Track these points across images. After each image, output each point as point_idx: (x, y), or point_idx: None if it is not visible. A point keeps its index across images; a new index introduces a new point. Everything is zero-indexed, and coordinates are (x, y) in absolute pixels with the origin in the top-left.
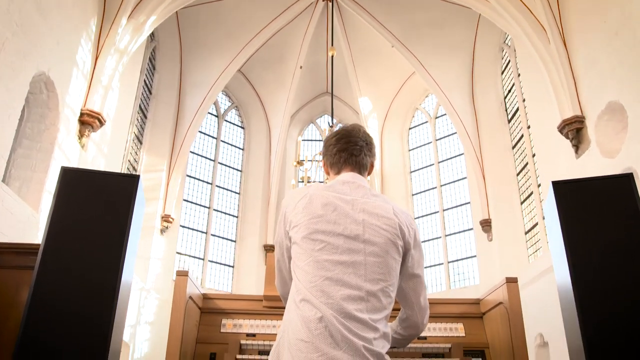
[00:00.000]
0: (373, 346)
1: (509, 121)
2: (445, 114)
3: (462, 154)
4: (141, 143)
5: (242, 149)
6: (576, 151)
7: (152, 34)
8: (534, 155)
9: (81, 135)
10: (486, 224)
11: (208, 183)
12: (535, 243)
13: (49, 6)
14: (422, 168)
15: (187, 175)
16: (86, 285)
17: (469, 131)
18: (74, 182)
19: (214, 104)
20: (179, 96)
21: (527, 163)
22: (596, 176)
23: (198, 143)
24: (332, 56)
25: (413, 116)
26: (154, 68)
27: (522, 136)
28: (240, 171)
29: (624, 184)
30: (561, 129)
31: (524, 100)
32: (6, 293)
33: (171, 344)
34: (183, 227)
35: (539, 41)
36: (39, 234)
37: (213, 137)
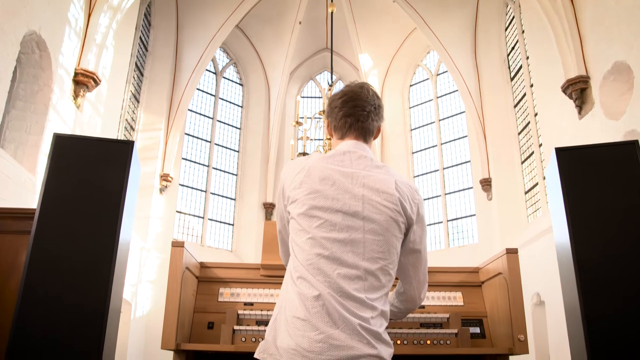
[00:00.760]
0: (370, 325)
1: (512, 79)
2: (446, 71)
3: (463, 112)
4: (138, 102)
5: (241, 107)
6: (579, 112)
7: None
8: (536, 114)
9: (76, 95)
10: (486, 183)
11: (207, 141)
12: (534, 203)
13: None
14: (423, 126)
15: (186, 133)
16: (84, 247)
17: (471, 89)
18: (67, 149)
19: (212, 61)
20: (176, 53)
21: (529, 122)
22: (600, 143)
23: (196, 101)
24: (332, 12)
25: (414, 73)
26: (150, 24)
27: (525, 95)
28: (239, 129)
29: (629, 152)
30: (565, 89)
31: (528, 58)
32: (5, 258)
33: (168, 315)
34: (182, 186)
35: None
36: (37, 197)
37: (211, 95)
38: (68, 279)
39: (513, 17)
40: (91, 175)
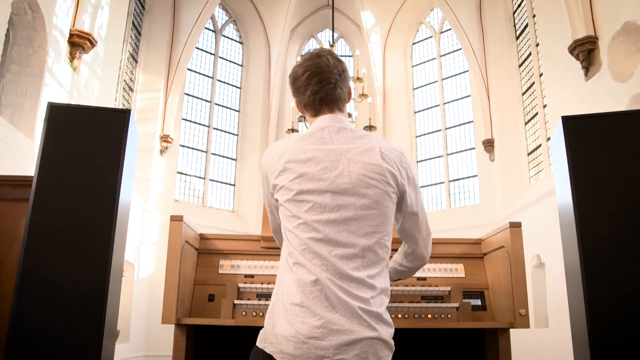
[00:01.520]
0: (370, 306)
1: (517, 38)
2: (450, 29)
3: (467, 71)
4: (136, 62)
5: (241, 65)
6: (586, 73)
7: None
8: (541, 75)
9: (72, 57)
10: (489, 144)
11: (207, 101)
12: (537, 165)
13: None
14: (425, 85)
15: (185, 93)
16: (83, 212)
17: (475, 47)
18: (63, 119)
19: (211, 19)
20: (174, 10)
21: (534, 83)
22: (608, 112)
23: (195, 60)
24: None
25: (417, 31)
26: None
27: (530, 54)
28: (239, 88)
29: (637, 121)
30: (572, 50)
31: (534, 16)
32: (5, 225)
33: (168, 291)
34: (183, 147)
35: None
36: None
37: (211, 54)
38: (68, 246)
39: None
40: (88, 144)
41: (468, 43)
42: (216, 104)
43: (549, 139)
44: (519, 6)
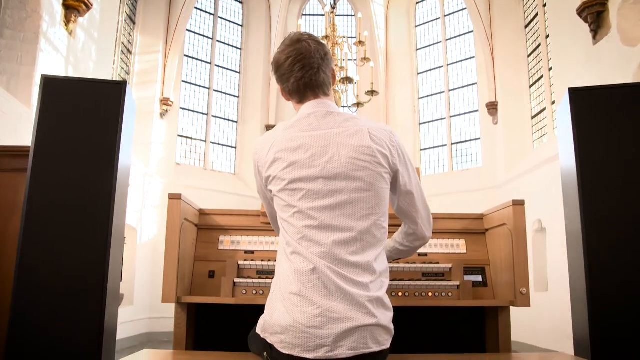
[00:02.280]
0: (370, 291)
1: None
2: None
3: (471, 32)
4: (134, 23)
5: (241, 26)
6: (594, 37)
7: None
8: (548, 36)
9: (67, 21)
10: (492, 107)
11: (207, 63)
12: (541, 129)
13: None
14: (429, 46)
15: (185, 55)
16: (82, 181)
17: (480, 7)
18: (58, 92)
19: None
20: None
21: (540, 45)
22: (616, 84)
23: (195, 20)
24: None
25: None
26: None
27: (537, 15)
28: (239, 49)
29: None
30: (580, 12)
31: None
32: (6, 196)
33: (168, 270)
34: (183, 110)
35: None
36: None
37: (210, 14)
38: (68, 213)
39: None
40: (84, 116)
41: (473, 2)
42: (216, 66)
43: (554, 103)
44: None
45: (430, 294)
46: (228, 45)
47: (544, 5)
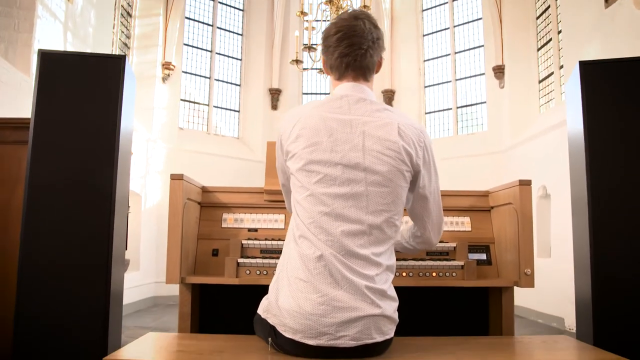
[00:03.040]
0: (375, 283)
1: None
2: None
3: None
4: None
5: None
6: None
7: None
8: None
9: None
10: (499, 70)
11: (209, 25)
12: (548, 93)
13: None
14: (434, 7)
15: (186, 17)
16: (83, 151)
17: None
18: (55, 67)
19: None
20: None
21: (549, 6)
22: (626, 57)
23: None
24: None
25: None
26: None
27: None
28: (242, 10)
29: None
30: None
31: None
32: (9, 168)
33: (171, 251)
34: (185, 73)
35: None
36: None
37: None
38: (71, 183)
39: None
40: (84, 90)
41: None
42: (219, 28)
43: (562, 67)
44: None
45: (434, 274)
46: (230, 6)
47: None
